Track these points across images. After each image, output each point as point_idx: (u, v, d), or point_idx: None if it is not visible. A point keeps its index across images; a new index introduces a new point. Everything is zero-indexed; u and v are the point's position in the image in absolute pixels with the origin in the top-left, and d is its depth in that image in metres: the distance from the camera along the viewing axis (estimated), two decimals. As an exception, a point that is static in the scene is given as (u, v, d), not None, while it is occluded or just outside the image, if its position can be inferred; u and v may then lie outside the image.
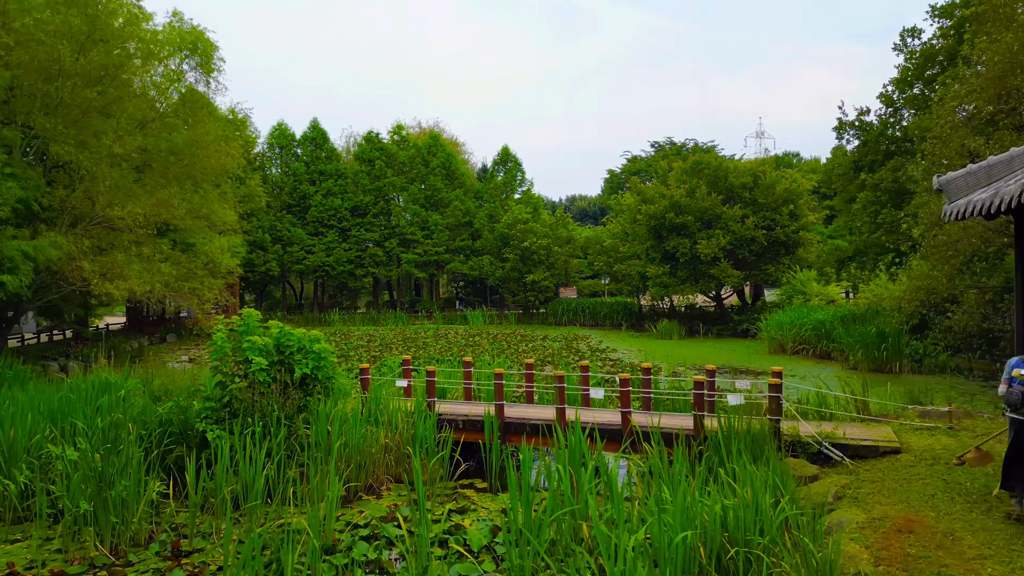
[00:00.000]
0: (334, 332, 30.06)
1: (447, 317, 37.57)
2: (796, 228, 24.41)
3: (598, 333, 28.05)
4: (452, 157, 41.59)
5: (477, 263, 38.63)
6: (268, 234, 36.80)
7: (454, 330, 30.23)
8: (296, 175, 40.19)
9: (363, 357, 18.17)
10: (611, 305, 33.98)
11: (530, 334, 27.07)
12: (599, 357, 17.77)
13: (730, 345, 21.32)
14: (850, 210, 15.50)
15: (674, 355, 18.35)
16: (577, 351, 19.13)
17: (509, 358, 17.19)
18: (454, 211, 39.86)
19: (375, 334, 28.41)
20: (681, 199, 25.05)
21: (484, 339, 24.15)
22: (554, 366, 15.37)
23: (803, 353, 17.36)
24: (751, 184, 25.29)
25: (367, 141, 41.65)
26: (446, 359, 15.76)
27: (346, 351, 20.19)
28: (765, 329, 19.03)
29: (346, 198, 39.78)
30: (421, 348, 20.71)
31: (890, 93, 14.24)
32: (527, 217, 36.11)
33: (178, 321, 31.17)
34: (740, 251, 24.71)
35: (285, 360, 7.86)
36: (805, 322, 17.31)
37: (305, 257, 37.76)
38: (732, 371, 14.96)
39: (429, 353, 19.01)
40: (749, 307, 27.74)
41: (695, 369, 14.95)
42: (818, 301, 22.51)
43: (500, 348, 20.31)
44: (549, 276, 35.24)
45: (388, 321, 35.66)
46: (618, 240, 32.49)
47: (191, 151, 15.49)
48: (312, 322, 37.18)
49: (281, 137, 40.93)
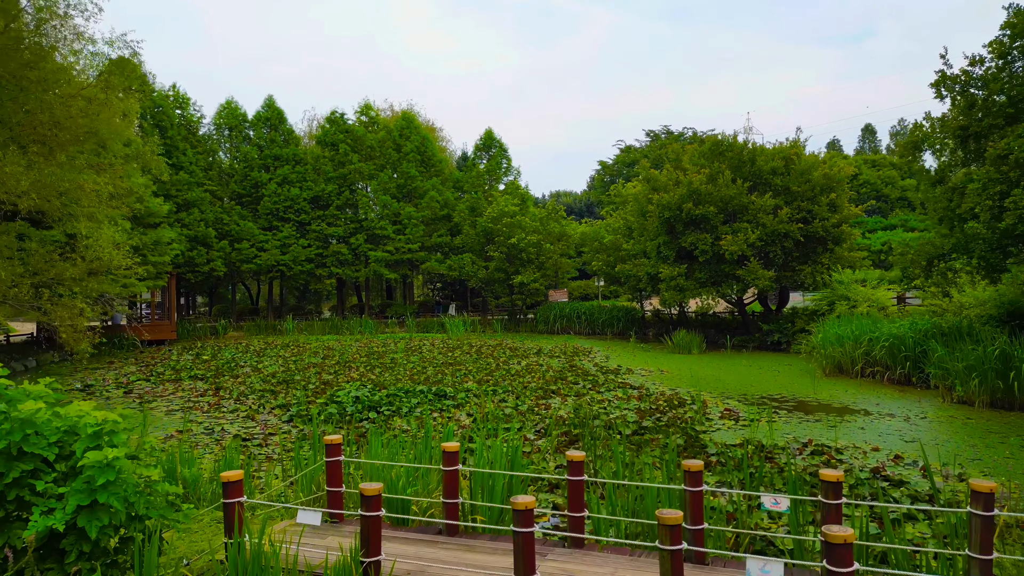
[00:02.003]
0: (287, 343, 26.37)
1: (422, 324, 34.02)
2: (837, 221, 21.38)
3: (599, 344, 24.75)
4: (428, 141, 38.06)
5: (456, 262, 35.14)
6: (212, 228, 32.88)
7: (430, 341, 26.71)
8: (248, 160, 36.33)
9: (311, 382, 14.65)
10: (610, 311, 30.74)
11: (520, 346, 23.70)
12: (613, 381, 14.46)
13: (767, 362, 18.16)
14: (943, 194, 12.35)
15: (706, 377, 15.11)
16: (585, 373, 15.81)
17: (500, 384, 13.80)
18: (430, 203, 36.30)
19: (336, 346, 24.79)
20: (701, 186, 21.87)
21: (466, 354, 20.72)
22: (562, 399, 12.00)
23: (874, 377, 14.22)
24: (782, 169, 22.21)
25: (330, 122, 37.94)
26: (417, 392, 12.31)
27: (292, 372, 16.62)
28: (819, 344, 15.86)
29: (305, 187, 36.02)
30: (387, 368, 17.21)
31: (1003, 39, 11.16)
32: (514, 210, 32.73)
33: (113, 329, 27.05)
34: (771, 248, 21.60)
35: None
36: (876, 336, 14.17)
37: (257, 255, 33.92)
38: (792, 402, 11.75)
39: (396, 375, 15.52)
40: (774, 314, 24.69)
41: (753, 402, 11.70)
42: (867, 308, 19.49)
43: (487, 367, 16.90)
44: (540, 277, 31.88)
45: (353, 329, 32.00)
46: (620, 236, 29.27)
47: (24, 99, 11.61)
48: (264, 330, 33.42)
49: (230, 117, 37.04)
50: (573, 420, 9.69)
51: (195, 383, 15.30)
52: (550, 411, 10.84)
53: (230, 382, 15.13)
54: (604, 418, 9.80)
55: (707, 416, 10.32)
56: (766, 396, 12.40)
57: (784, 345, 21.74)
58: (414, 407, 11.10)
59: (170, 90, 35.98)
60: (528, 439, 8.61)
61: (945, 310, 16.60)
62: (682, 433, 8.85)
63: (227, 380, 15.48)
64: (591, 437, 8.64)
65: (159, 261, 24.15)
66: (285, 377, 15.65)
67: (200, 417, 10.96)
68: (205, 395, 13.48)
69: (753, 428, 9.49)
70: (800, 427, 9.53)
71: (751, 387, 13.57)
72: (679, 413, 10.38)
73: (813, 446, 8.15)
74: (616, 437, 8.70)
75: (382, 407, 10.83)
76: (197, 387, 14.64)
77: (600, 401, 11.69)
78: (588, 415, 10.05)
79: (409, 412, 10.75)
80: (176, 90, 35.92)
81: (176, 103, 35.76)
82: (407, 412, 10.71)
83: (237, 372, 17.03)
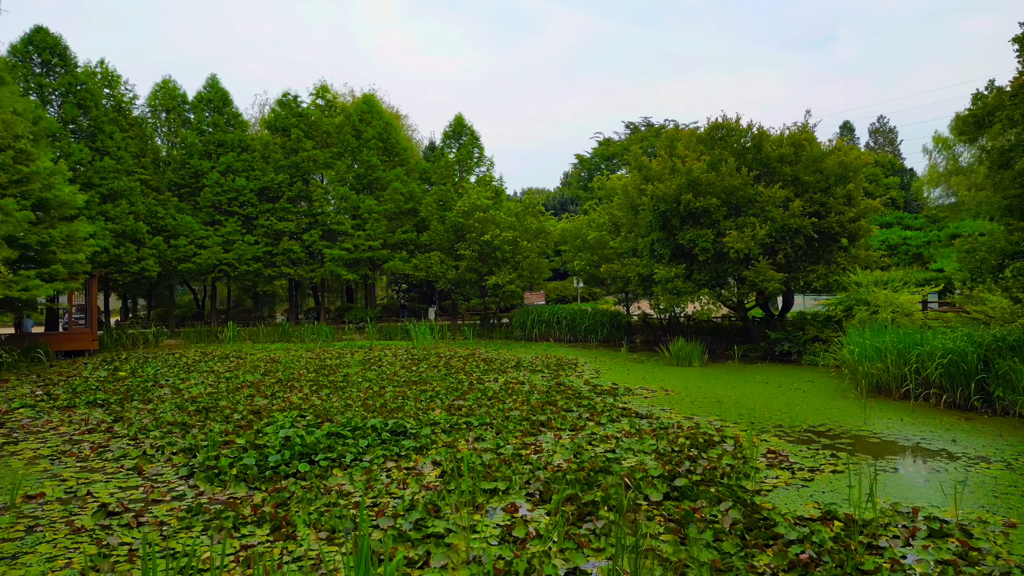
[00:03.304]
0: (227, 354, 23.54)
1: (385, 330, 31.40)
2: (854, 215, 19.50)
3: (585, 355, 22.52)
4: (391, 127, 35.42)
5: (423, 261, 32.59)
6: (144, 222, 29.71)
7: (392, 350, 24.15)
8: (187, 146, 33.22)
9: (238, 409, 12.04)
10: (594, 316, 28.58)
11: (495, 356, 21.31)
12: (613, 407, 12.18)
13: (784, 378, 16.11)
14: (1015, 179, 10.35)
15: (721, 399, 12.94)
16: (576, 394, 13.50)
17: (475, 412, 11.39)
18: (393, 195, 33.65)
19: (283, 357, 22.08)
20: (701, 175, 19.78)
21: (432, 368, 18.25)
22: (555, 434, 9.63)
23: (927, 401, 12.22)
24: (791, 156, 20.27)
25: (282, 106, 35.06)
26: (368, 428, 9.79)
27: (219, 395, 13.96)
28: (852, 358, 13.82)
29: (252, 177, 33.07)
30: (337, 388, 14.65)
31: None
32: (487, 203, 30.32)
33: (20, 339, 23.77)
34: (780, 246, 19.62)
35: None
36: (927, 351, 12.16)
37: (196, 253, 30.83)
38: (844, 437, 9.62)
39: (347, 399, 13.01)
40: (778, 320, 22.78)
41: (796, 437, 9.51)
42: (891, 315, 17.62)
43: (457, 387, 14.47)
44: (516, 278, 29.52)
45: (305, 336, 29.20)
46: (606, 232, 27.16)
47: None
48: (206, 337, 30.43)
49: (167, 97, 33.90)
50: (577, 474, 7.34)
51: (91, 411, 12.53)
52: (542, 454, 8.48)
53: (136, 410, 12.42)
54: (618, 470, 7.47)
55: (745, 459, 8.10)
56: (808, 428, 10.24)
57: (795, 356, 19.81)
58: (363, 452, 8.62)
59: (97, 67, 32.74)
60: (520, 516, 6.22)
61: (991, 317, 14.75)
62: (730, 495, 6.57)
63: (133, 407, 12.75)
64: (607, 506, 6.31)
65: (70, 259, 21.10)
66: (208, 402, 12.98)
67: (69, 471, 8.30)
68: (96, 430, 10.78)
69: (819, 483, 7.27)
70: (878, 480, 7.35)
71: (782, 414, 11.42)
72: (712, 458, 8.12)
73: (924, 521, 5.95)
74: (643, 505, 6.38)
75: (319, 454, 8.33)
76: (92, 417, 11.89)
77: (605, 439, 9.37)
78: (595, 465, 7.72)
79: (356, 460, 8.27)
80: (105, 67, 32.69)
81: (104, 81, 32.51)
82: (352, 461, 8.23)
83: (152, 395, 14.28)
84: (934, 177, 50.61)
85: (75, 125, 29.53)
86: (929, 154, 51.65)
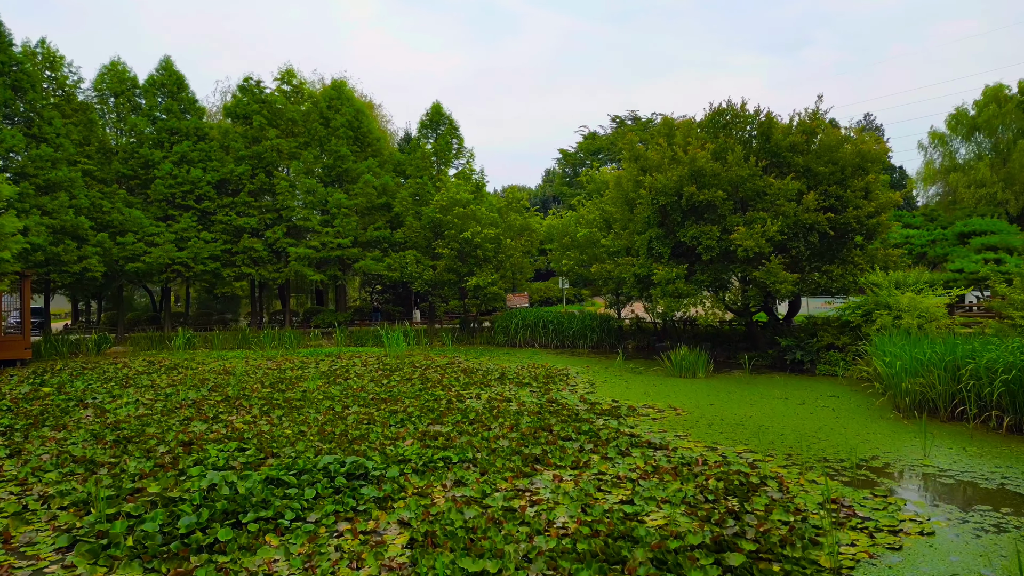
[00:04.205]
0: (176, 364, 21.47)
1: (356, 335, 29.47)
2: (874, 210, 18.07)
3: (576, 364, 20.85)
4: (362, 114, 33.46)
5: (398, 260, 30.70)
6: (87, 217, 27.42)
7: (362, 359, 22.27)
8: (137, 134, 30.94)
9: (166, 439, 10.14)
10: (583, 320, 26.94)
11: (476, 366, 19.55)
12: (619, 433, 10.51)
13: (805, 393, 14.57)
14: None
15: (740, 421, 11.33)
16: (573, 415, 11.79)
17: (453, 442, 9.63)
18: (365, 188, 31.67)
19: (239, 368, 20.09)
20: (706, 164, 18.21)
21: (406, 380, 16.43)
22: (554, 476, 7.90)
23: (983, 424, 10.71)
24: (803, 145, 18.80)
25: (243, 91, 32.93)
26: (319, 469, 7.95)
27: (150, 418, 12.02)
28: (889, 372, 12.28)
29: (210, 168, 30.89)
30: (292, 409, 12.78)
31: None
32: (468, 198, 28.52)
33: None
34: (792, 244, 18.13)
35: None
36: (982, 366, 10.65)
37: (145, 251, 28.57)
38: (909, 476, 8.05)
39: (301, 424, 11.17)
40: (784, 324, 21.35)
41: (848, 476, 7.89)
42: (915, 320, 16.19)
43: (433, 407, 12.68)
44: (498, 279, 27.77)
45: (266, 342, 27.15)
46: (597, 230, 25.53)
47: None
48: (158, 344, 28.27)
49: (115, 81, 31.56)
50: (590, 543, 5.61)
51: (-13, 442, 10.51)
52: (540, 507, 6.74)
53: (41, 440, 10.43)
54: (643, 534, 5.75)
55: (801, 512, 6.45)
56: (860, 462, 8.63)
57: (808, 365, 18.34)
58: (308, 508, 6.79)
59: (38, 47, 30.38)
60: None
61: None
62: (804, 579, 4.89)
63: (40, 435, 10.76)
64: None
65: (-8, 258, 18.90)
66: (133, 429, 11.03)
67: (-88, 536, 6.36)
68: (-18, 469, 8.80)
69: (913, 553, 5.62)
70: (972, 546, 5.74)
71: (820, 441, 9.81)
72: (759, 512, 6.45)
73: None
74: (690, 600, 4.66)
75: (249, 511, 6.48)
76: (-16, 450, 9.89)
77: (617, 481, 7.67)
78: (612, 527, 6.00)
79: (298, 520, 6.45)
80: (47, 47, 30.36)
81: (45, 63, 30.16)
82: (293, 521, 6.41)
83: (70, 418, 12.28)
84: (931, 174, 49.86)
85: (9, 109, 27.17)
86: (925, 150, 50.90)
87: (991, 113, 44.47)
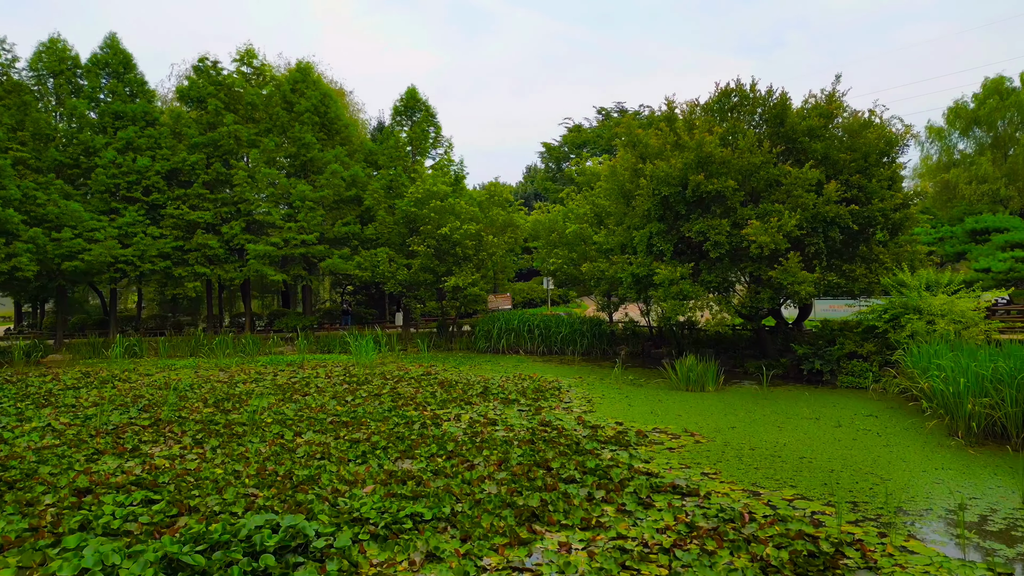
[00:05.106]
0: (112, 376, 19.25)
1: (323, 340, 27.38)
2: (901, 201, 16.51)
3: (567, 374, 19.02)
4: (330, 99, 31.31)
5: (369, 259, 28.64)
6: (17, 209, 24.97)
7: (327, 369, 20.23)
8: (78, 118, 28.49)
9: (63, 482, 8.10)
10: (571, 323, 25.17)
11: (456, 378, 17.62)
12: (635, 473, 8.70)
13: (837, 411, 12.89)
14: None
15: (773, 450, 9.59)
16: (573, 445, 9.94)
17: (427, 486, 7.74)
18: (332, 179, 29.54)
19: (182, 381, 17.94)
20: (714, 150, 16.50)
21: (374, 397, 14.46)
22: (560, 544, 6.04)
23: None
24: (821, 130, 17.19)
25: (198, 72, 30.61)
26: (242, 538, 5.98)
27: (55, 451, 9.94)
28: (942, 389, 10.61)
29: (159, 156, 28.56)
30: (233, 438, 10.76)
31: None
32: (446, 190, 26.58)
33: None
34: (812, 239, 16.49)
35: None
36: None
37: (85, 248, 26.17)
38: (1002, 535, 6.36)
39: (239, 460, 9.19)
40: (794, 329, 19.77)
41: (939, 537, 6.15)
42: (949, 326, 14.62)
43: (404, 434, 10.75)
44: (479, 279, 25.87)
45: (219, 350, 24.93)
46: (588, 225, 23.75)
47: None
48: (97, 351, 25.92)
49: (54, 60, 29.05)
50: None
51: None
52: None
53: None
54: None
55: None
56: (949, 514, 6.90)
57: (827, 376, 16.72)
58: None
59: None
60: None
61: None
62: None
63: (-100, 479, 8.62)
64: None
65: None
66: (24, 469, 8.94)
67: None
68: None
69: None
70: None
71: (883, 482, 8.08)
72: None
73: None
74: None
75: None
76: None
77: (645, 553, 5.81)
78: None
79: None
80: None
81: (-28, 38, 27.61)
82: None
83: (-48, 451, 10.13)
84: (929, 170, 48.97)
85: (-73, 88, 24.64)
86: (922, 145, 50.00)
87: (992, 106, 43.62)
